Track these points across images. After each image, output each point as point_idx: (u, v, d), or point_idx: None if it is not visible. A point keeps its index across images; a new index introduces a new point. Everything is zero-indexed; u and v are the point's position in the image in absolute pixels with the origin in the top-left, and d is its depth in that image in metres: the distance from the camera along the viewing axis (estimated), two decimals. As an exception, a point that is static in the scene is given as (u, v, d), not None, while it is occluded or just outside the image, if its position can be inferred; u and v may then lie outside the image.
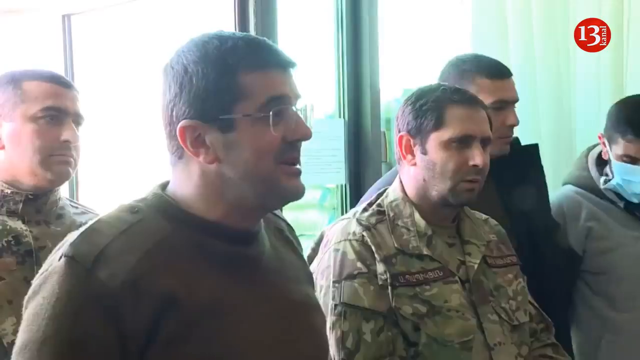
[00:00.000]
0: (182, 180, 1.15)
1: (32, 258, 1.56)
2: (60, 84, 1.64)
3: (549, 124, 2.73)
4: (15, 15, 2.96)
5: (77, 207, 1.76)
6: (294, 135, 1.12)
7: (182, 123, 1.11)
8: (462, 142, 1.59)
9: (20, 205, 1.60)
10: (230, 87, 1.09)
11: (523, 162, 2.11)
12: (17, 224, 1.60)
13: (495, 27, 2.73)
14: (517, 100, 2.07)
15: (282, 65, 1.13)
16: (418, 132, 1.62)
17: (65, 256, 1.05)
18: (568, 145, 2.71)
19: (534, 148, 2.17)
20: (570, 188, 2.27)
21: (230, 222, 1.14)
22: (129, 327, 1.02)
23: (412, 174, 1.65)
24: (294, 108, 1.14)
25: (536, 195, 2.12)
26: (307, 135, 1.14)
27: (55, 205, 1.68)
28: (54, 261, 1.07)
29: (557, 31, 2.71)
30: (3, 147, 1.61)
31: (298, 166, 1.15)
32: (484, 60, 2.10)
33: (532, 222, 2.06)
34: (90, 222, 1.12)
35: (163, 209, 1.13)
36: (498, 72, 2.06)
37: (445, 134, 1.59)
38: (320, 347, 1.27)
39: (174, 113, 1.12)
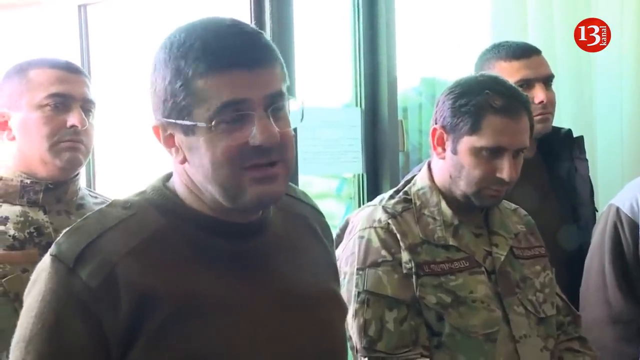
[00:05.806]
0: (176, 174, 1.13)
1: None
2: (66, 69, 1.62)
3: (568, 112, 2.71)
4: (32, 7, 2.96)
5: (96, 197, 1.75)
6: (255, 141, 1.04)
7: (153, 122, 1.09)
8: (493, 152, 1.55)
9: (41, 195, 1.60)
10: (187, 92, 1.03)
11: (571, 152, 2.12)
12: (39, 215, 1.59)
13: (515, 16, 2.70)
14: (545, 76, 2.03)
15: (246, 65, 1.03)
16: (452, 130, 1.59)
17: (50, 255, 1.05)
18: (588, 134, 2.68)
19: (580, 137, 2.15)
20: None
21: (225, 217, 1.11)
22: (109, 325, 1.01)
23: (440, 166, 1.64)
24: (262, 110, 1.04)
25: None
26: (268, 141, 1.03)
27: (76, 195, 1.67)
28: (46, 258, 1.06)
29: (579, 19, 2.68)
30: (14, 139, 1.60)
31: (272, 170, 1.06)
32: (504, 45, 2.08)
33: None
34: (79, 220, 1.11)
35: (159, 203, 1.11)
36: (517, 52, 2.03)
37: (478, 141, 1.55)
38: (332, 341, 1.21)
39: (151, 110, 1.10)
